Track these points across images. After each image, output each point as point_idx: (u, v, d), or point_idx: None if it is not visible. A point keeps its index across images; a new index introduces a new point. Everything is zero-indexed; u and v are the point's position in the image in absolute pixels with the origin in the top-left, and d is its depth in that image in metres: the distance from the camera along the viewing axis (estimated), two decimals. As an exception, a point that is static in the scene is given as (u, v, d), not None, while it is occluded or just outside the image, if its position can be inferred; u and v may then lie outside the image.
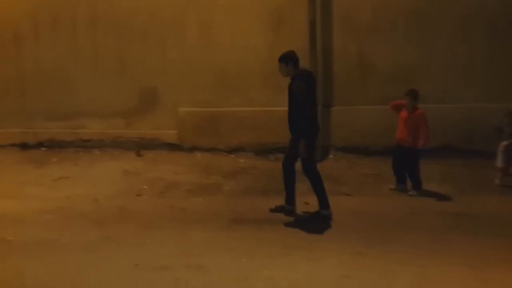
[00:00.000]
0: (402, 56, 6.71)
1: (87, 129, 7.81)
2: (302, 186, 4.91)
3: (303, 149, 4.50)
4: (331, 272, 3.55)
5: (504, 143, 5.54)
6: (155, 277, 3.51)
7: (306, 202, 5.03)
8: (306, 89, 4.55)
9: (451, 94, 6.63)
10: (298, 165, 4.73)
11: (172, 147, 7.67)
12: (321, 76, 6.88)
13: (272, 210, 4.92)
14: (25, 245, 4.11)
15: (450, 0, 6.60)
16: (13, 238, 4.24)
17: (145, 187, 6.02)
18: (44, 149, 7.73)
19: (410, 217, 4.70)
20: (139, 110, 7.69)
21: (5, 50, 7.63)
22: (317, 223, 4.59)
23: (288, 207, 4.91)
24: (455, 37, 6.60)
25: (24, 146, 7.75)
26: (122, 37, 7.46)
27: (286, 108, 4.72)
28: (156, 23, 7.40)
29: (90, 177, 6.42)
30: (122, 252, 3.96)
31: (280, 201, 4.95)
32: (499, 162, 5.57)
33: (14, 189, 5.85)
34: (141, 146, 7.65)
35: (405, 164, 5.47)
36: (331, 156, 6.99)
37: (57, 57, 7.60)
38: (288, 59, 4.69)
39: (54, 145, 7.76)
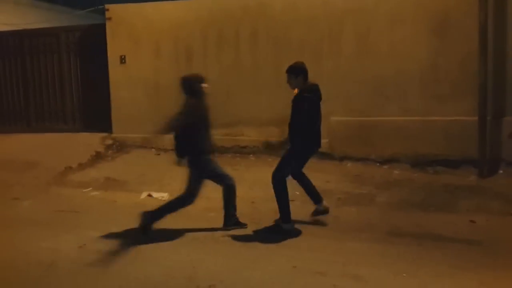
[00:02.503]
0: None
1: (244, 136, 8.32)
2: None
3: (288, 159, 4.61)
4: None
5: None
6: (312, 281, 3.55)
7: (472, 220, 4.59)
8: (316, 103, 4.60)
9: None
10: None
11: (322, 155, 7.68)
12: (492, 84, 6.26)
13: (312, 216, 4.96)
14: (195, 238, 4.54)
15: None
16: (186, 231, 4.71)
17: (297, 193, 6.11)
18: (206, 153, 8.45)
19: None
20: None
21: (178, 65, 8.55)
22: (277, 235, 4.51)
23: (320, 207, 4.93)
24: None
25: (190, 151, 8.55)
26: (280, 49, 7.79)
27: (450, 118, 4.39)
28: (312, 34, 7.58)
29: (247, 181, 6.79)
30: (280, 253, 4.11)
31: (442, 217, 4.61)
32: None
33: (183, 188, 6.50)
34: (292, 154, 7.85)
35: None
36: (501, 171, 6.26)
37: (221, 70, 8.27)
38: (299, 71, 4.58)
39: (215, 150, 8.40)
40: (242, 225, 4.80)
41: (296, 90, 4.69)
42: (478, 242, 4.26)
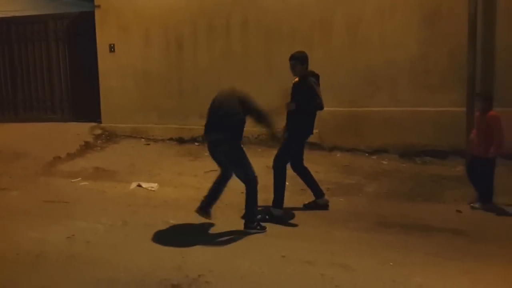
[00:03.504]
0: None
1: (235, 126, 8.29)
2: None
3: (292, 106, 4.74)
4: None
5: None
6: (301, 270, 3.59)
7: (459, 210, 4.66)
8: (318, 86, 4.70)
9: None
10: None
11: (312, 145, 7.70)
12: (481, 74, 6.31)
13: (306, 206, 5.08)
14: (184, 228, 4.55)
15: None
16: (175, 222, 4.72)
17: (287, 183, 6.14)
18: (197, 144, 8.42)
19: None
20: (283, 109, 7.92)
21: (168, 53, 8.50)
22: (267, 221, 4.57)
23: (320, 201, 5.04)
24: None
25: (180, 141, 8.53)
26: (271, 38, 7.77)
27: (439, 109, 4.44)
28: (303, 23, 7.56)
29: (237, 171, 6.81)
30: (269, 243, 4.14)
31: (429, 207, 4.67)
32: None
33: (173, 178, 6.50)
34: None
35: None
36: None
37: (211, 59, 8.23)
38: (305, 59, 4.85)
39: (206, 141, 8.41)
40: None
41: (296, 78, 4.90)
42: (464, 232, 4.32)
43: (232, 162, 4.47)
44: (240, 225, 4.58)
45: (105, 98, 8.85)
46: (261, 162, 7.13)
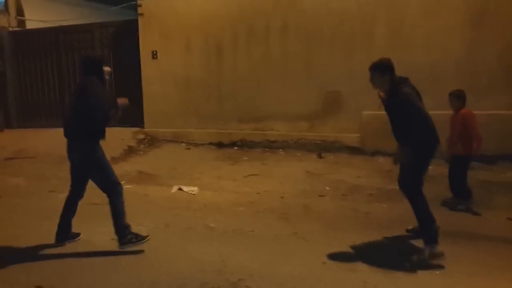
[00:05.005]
0: None
1: (274, 130, 8.30)
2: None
3: (405, 155, 3.85)
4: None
5: None
6: (342, 277, 3.52)
7: (509, 218, 4.44)
8: (415, 94, 3.95)
9: None
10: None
11: (353, 150, 7.63)
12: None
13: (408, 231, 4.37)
14: (224, 232, 4.56)
15: None
16: (215, 226, 4.74)
17: (327, 188, 6.10)
18: (236, 148, 8.48)
19: None
20: (322, 113, 7.87)
21: (208, 60, 8.61)
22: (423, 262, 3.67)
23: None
24: None
25: (220, 145, 8.62)
26: (311, 42, 7.73)
27: (487, 112, 4.26)
28: (344, 26, 7.49)
29: (276, 175, 6.79)
30: (310, 248, 4.08)
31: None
32: None
33: (212, 182, 6.56)
34: (322, 148, 7.81)
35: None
36: None
37: (251, 64, 8.28)
38: (386, 68, 4.02)
39: (245, 145, 8.46)
40: None
41: (381, 92, 4.16)
42: (515, 241, 4.11)
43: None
44: (280, 229, 4.56)
45: (147, 103, 9.07)
46: (301, 167, 7.16)
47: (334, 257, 3.85)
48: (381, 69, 4.05)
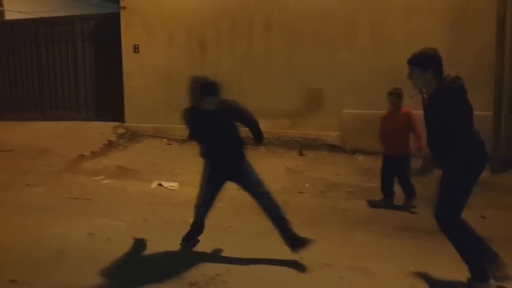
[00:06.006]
0: None
1: (256, 127, 8.29)
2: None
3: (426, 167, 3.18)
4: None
5: None
6: (318, 273, 3.55)
7: (483, 216, 4.53)
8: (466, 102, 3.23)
9: None
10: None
11: (333, 148, 7.69)
12: (509, 78, 6.15)
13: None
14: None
15: None
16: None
17: (307, 185, 6.15)
18: (217, 144, 8.45)
19: None
20: (304, 110, 7.90)
21: (191, 55, 8.56)
22: None
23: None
24: None
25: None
26: (294, 40, 7.74)
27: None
28: (326, 25, 7.52)
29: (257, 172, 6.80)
30: (287, 244, 4.10)
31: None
32: None
33: (193, 178, 6.47)
34: (303, 145, 7.84)
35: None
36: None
37: (234, 60, 8.25)
38: (428, 61, 3.12)
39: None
40: None
41: (424, 92, 3.28)
42: (488, 238, 4.18)
43: None
44: (259, 225, 4.56)
45: (128, 98, 8.97)
46: (281, 164, 7.18)
47: (311, 253, 3.87)
48: (420, 63, 3.15)
